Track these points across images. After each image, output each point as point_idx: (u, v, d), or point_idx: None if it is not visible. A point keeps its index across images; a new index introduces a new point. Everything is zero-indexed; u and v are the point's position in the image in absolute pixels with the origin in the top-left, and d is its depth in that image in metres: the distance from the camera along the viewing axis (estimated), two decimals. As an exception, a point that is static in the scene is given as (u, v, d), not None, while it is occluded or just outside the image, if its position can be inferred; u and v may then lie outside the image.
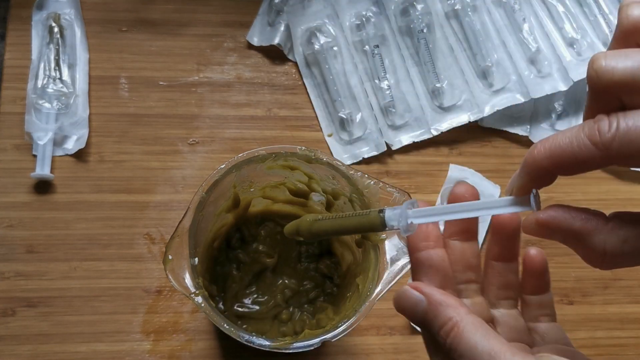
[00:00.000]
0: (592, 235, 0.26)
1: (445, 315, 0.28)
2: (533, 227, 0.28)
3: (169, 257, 0.39)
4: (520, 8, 0.60)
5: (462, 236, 0.33)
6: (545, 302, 0.34)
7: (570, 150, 0.25)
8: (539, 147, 0.26)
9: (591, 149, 0.24)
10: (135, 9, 0.60)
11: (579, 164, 0.25)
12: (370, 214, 0.31)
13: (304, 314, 0.49)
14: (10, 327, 0.49)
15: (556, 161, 0.26)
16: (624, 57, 0.24)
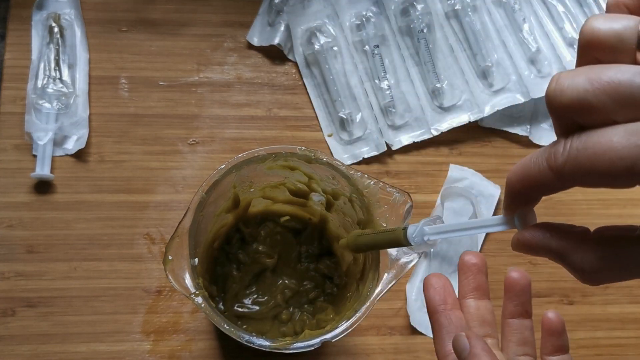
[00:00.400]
0: (569, 254, 0.26)
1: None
2: (517, 245, 0.29)
3: (169, 258, 0.39)
4: (520, 8, 0.60)
5: (475, 294, 0.36)
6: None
7: (534, 174, 0.25)
8: (514, 169, 0.27)
9: (548, 173, 0.24)
10: (135, 9, 0.60)
11: (542, 187, 0.25)
12: (396, 231, 0.36)
13: (304, 314, 0.49)
14: (10, 327, 0.49)
15: (526, 184, 0.26)
16: (572, 77, 0.23)
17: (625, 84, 0.22)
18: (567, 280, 0.55)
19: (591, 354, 0.54)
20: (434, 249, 0.34)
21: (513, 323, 0.36)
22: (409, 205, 0.42)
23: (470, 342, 0.31)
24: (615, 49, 0.23)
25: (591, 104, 0.22)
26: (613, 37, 0.23)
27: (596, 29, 0.23)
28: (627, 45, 0.23)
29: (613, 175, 0.22)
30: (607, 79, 0.22)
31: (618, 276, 0.25)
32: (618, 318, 0.55)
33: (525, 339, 0.35)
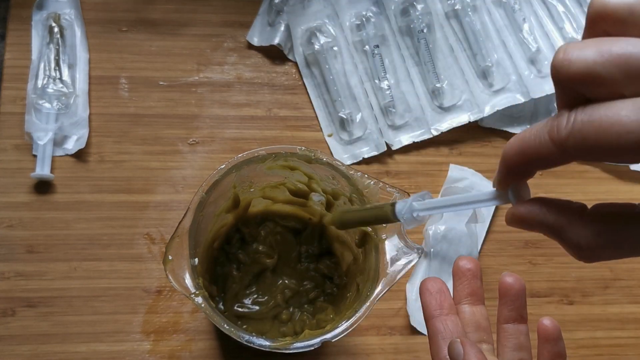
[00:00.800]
0: (566, 229, 0.26)
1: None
2: (512, 220, 0.28)
3: (169, 258, 0.39)
4: (520, 8, 0.60)
5: (470, 299, 0.36)
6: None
7: (535, 146, 0.24)
8: (511, 142, 0.26)
9: (550, 145, 0.24)
10: (135, 9, 0.60)
11: (542, 160, 0.25)
12: (384, 207, 0.35)
13: (304, 314, 0.49)
14: (10, 327, 0.49)
15: (525, 157, 0.25)
16: (581, 49, 0.22)
17: (637, 56, 0.21)
18: (567, 280, 0.55)
19: (591, 354, 0.54)
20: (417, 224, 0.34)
21: (508, 328, 0.36)
22: (409, 205, 0.42)
23: (465, 349, 0.31)
24: (625, 22, 0.23)
25: (600, 75, 0.22)
26: (624, 9, 0.23)
27: (607, 0, 0.23)
28: (638, 18, 0.22)
29: (619, 149, 0.21)
30: (618, 50, 0.21)
31: (614, 254, 0.25)
32: (618, 318, 0.55)
33: (520, 344, 0.35)
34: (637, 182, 0.59)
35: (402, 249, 0.40)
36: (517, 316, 0.36)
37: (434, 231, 0.54)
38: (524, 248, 0.56)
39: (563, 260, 0.56)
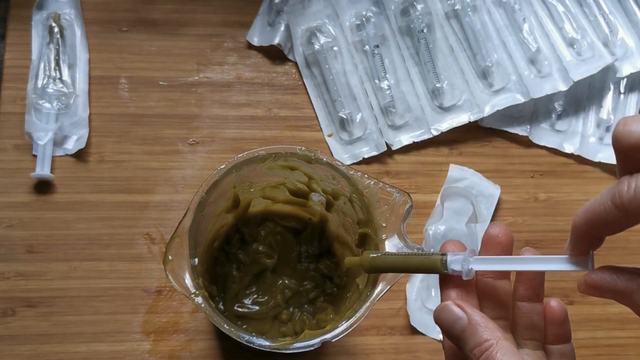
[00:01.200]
0: (635, 294, 0.28)
1: (482, 336, 0.30)
2: (584, 287, 0.30)
3: (169, 258, 0.39)
4: (520, 8, 0.60)
5: (495, 275, 0.35)
6: (566, 352, 0.35)
7: (599, 214, 0.27)
8: (578, 212, 0.29)
9: (614, 211, 0.27)
10: (135, 9, 0.60)
11: (608, 225, 0.27)
12: (432, 257, 0.34)
13: (304, 314, 0.49)
14: (10, 327, 0.49)
15: (591, 224, 0.28)
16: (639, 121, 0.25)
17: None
18: (567, 280, 0.55)
19: (591, 354, 0.54)
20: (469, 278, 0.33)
21: (522, 306, 0.35)
22: (409, 206, 0.42)
23: (466, 310, 0.31)
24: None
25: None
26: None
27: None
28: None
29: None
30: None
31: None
32: (618, 318, 0.55)
33: (533, 323, 0.35)
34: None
35: (402, 249, 0.40)
36: (533, 295, 0.35)
37: (434, 231, 0.54)
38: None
39: (563, 260, 0.56)
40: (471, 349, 0.30)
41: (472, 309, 0.31)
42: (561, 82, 0.58)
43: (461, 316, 0.31)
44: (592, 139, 0.60)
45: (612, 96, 0.61)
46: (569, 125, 0.60)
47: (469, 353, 0.30)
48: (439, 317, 0.32)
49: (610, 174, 0.59)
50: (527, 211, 0.57)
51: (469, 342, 0.30)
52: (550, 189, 0.58)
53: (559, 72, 0.59)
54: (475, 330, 0.30)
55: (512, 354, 0.29)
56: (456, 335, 0.31)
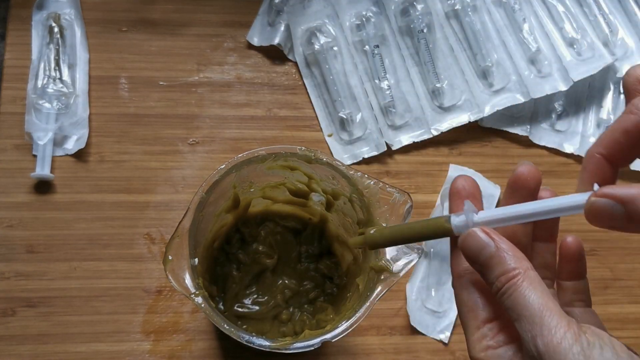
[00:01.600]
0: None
1: (509, 265, 0.29)
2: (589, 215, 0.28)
3: (169, 258, 0.39)
4: (520, 8, 0.60)
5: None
6: (580, 288, 0.34)
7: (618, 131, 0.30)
8: (591, 146, 0.30)
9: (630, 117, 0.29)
10: (135, 9, 0.60)
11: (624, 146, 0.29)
12: (436, 220, 0.32)
13: (304, 314, 0.49)
14: (10, 327, 0.49)
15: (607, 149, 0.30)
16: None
17: None
18: (567, 280, 0.55)
19: (591, 354, 0.54)
20: None
21: (537, 246, 0.35)
22: (409, 206, 0.42)
23: (493, 237, 0.30)
24: None
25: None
26: None
27: None
28: None
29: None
30: None
31: None
32: (618, 318, 0.55)
33: (546, 262, 0.34)
34: (637, 182, 0.59)
35: (402, 249, 0.40)
36: (547, 235, 0.34)
37: (434, 231, 0.54)
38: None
39: (563, 260, 0.56)
40: (497, 276, 0.29)
41: (499, 236, 0.30)
42: (561, 82, 0.58)
43: (488, 243, 0.30)
44: (592, 139, 0.60)
45: (612, 96, 0.61)
46: (569, 125, 0.60)
47: (494, 280, 0.29)
48: (465, 243, 0.31)
49: (610, 174, 0.59)
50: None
51: (495, 270, 0.29)
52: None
53: (559, 72, 0.59)
54: (502, 258, 0.29)
55: (538, 284, 0.28)
56: (482, 262, 0.30)
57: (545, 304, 0.27)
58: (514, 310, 0.28)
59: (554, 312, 0.27)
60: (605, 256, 0.57)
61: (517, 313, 0.28)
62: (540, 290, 0.28)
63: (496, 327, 0.31)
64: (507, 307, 0.29)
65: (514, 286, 0.28)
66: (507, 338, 0.30)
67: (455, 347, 0.53)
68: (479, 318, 0.31)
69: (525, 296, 0.28)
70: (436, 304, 0.53)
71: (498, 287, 0.29)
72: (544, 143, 0.60)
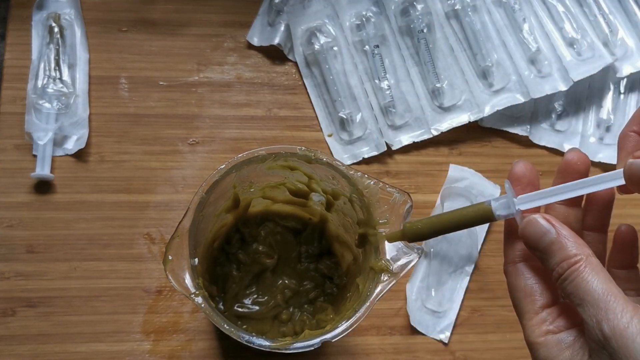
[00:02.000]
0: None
1: (570, 251, 0.29)
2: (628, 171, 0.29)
3: (169, 258, 0.39)
4: (520, 8, 0.60)
5: (566, 203, 0.34)
6: (632, 277, 0.34)
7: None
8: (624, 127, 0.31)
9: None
10: (135, 9, 0.60)
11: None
12: (478, 207, 0.33)
13: (304, 314, 0.49)
14: (10, 327, 0.49)
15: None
16: None
17: None
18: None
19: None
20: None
21: (589, 236, 0.35)
22: (409, 206, 0.42)
23: (553, 223, 0.30)
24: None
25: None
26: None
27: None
28: None
29: None
30: None
31: None
32: None
33: (597, 252, 0.34)
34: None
35: (402, 249, 0.40)
36: (599, 225, 0.35)
37: (434, 231, 0.54)
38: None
39: (563, 260, 0.56)
40: (558, 262, 0.29)
41: (560, 223, 0.30)
42: (561, 82, 0.58)
43: (549, 229, 0.30)
44: (592, 139, 0.60)
45: (612, 96, 0.61)
46: (569, 125, 0.60)
47: (555, 266, 0.29)
48: (525, 230, 0.31)
49: (610, 174, 0.59)
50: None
51: (556, 256, 0.30)
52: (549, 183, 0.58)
53: (559, 72, 0.59)
54: (563, 244, 0.30)
55: (600, 270, 0.29)
56: (542, 248, 0.30)
57: (609, 289, 0.28)
58: (576, 296, 0.28)
59: (619, 297, 0.28)
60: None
61: (580, 298, 0.28)
62: (603, 276, 0.28)
63: (555, 312, 0.31)
64: (569, 293, 0.29)
65: (577, 272, 0.29)
66: (568, 323, 0.31)
67: (455, 347, 0.53)
68: (537, 303, 0.31)
69: (588, 281, 0.28)
70: (436, 304, 0.53)
71: (560, 273, 0.29)
72: (544, 143, 0.60)
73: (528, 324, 0.31)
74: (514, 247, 0.33)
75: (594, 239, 0.35)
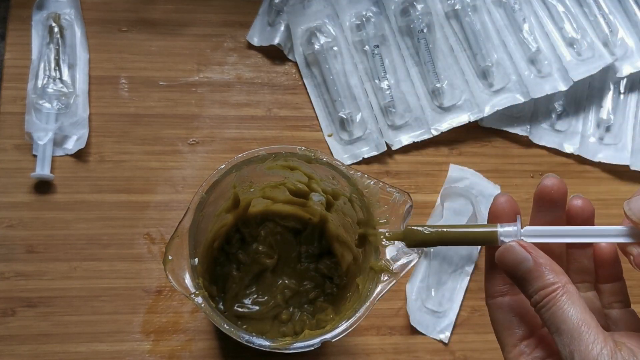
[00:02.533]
0: None
1: (548, 279, 0.30)
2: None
3: (169, 258, 0.39)
4: (520, 8, 0.60)
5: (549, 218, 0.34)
6: (617, 290, 0.35)
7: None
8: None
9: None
10: (135, 9, 0.60)
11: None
12: (484, 230, 0.33)
13: (304, 314, 0.49)
14: (10, 327, 0.49)
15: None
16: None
17: None
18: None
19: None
20: None
21: (574, 252, 0.35)
22: (408, 205, 0.42)
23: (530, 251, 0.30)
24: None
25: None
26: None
27: None
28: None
29: None
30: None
31: None
32: None
33: (584, 266, 0.35)
34: (637, 182, 0.59)
35: (402, 249, 0.40)
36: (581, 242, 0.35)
37: (434, 231, 0.54)
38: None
39: (563, 260, 0.56)
40: (536, 291, 0.30)
41: (537, 250, 0.31)
42: (561, 82, 0.58)
43: (526, 257, 0.30)
44: (592, 139, 0.60)
45: (612, 96, 0.61)
46: (569, 125, 0.60)
47: (534, 294, 0.30)
48: (503, 257, 0.31)
49: (610, 173, 0.59)
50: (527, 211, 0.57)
51: (534, 284, 0.30)
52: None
53: (559, 72, 0.59)
54: (541, 272, 0.30)
55: (577, 299, 0.29)
56: (520, 276, 0.30)
57: (584, 319, 0.28)
58: (552, 323, 0.29)
59: (592, 327, 0.28)
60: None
61: (556, 326, 0.29)
62: (579, 305, 0.29)
63: (533, 343, 0.32)
64: (546, 320, 0.29)
65: (554, 300, 0.29)
66: (545, 353, 0.31)
67: (455, 347, 0.53)
68: (515, 336, 0.32)
69: (564, 310, 0.29)
70: (436, 304, 0.53)
71: (537, 301, 0.30)
72: (544, 143, 0.60)
73: (508, 357, 0.32)
74: (495, 282, 0.34)
75: (578, 255, 0.35)
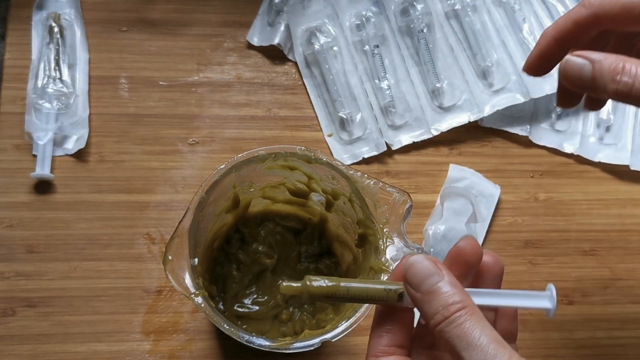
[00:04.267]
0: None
1: (457, 296, 0.29)
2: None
3: (169, 258, 0.39)
4: (520, 8, 0.60)
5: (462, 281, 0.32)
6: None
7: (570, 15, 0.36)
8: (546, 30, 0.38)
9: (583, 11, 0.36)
10: (135, 9, 0.60)
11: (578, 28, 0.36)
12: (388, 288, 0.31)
13: (304, 314, 0.49)
14: (10, 327, 0.49)
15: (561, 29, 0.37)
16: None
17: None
18: (567, 280, 0.55)
19: (591, 354, 0.54)
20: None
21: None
22: (408, 205, 0.42)
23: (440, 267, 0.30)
24: None
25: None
26: None
27: None
28: None
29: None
30: None
31: None
32: (618, 318, 0.55)
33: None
34: (637, 182, 0.59)
35: (402, 249, 0.40)
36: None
37: (434, 231, 0.54)
38: (524, 248, 0.56)
39: (563, 260, 0.56)
40: (444, 305, 0.29)
41: (445, 268, 0.30)
42: (561, 82, 0.58)
43: (436, 272, 0.30)
44: (592, 139, 0.60)
45: (612, 96, 0.61)
46: (568, 125, 0.60)
47: (441, 309, 0.29)
48: (410, 270, 0.30)
49: (610, 173, 0.59)
50: (527, 211, 0.57)
51: (440, 299, 0.29)
52: (550, 189, 0.58)
53: (559, 72, 0.58)
54: (449, 288, 0.29)
55: (484, 318, 0.29)
56: (425, 290, 0.30)
57: (494, 336, 0.28)
58: (463, 339, 0.28)
59: (506, 345, 0.28)
60: (605, 256, 0.57)
61: (467, 342, 0.28)
62: (488, 324, 0.29)
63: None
64: (454, 336, 0.28)
65: (465, 316, 0.28)
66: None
67: (455, 347, 0.53)
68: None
69: (476, 327, 0.28)
70: (436, 304, 0.53)
71: (445, 316, 0.29)
72: (544, 143, 0.60)
73: None
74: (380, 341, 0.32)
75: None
